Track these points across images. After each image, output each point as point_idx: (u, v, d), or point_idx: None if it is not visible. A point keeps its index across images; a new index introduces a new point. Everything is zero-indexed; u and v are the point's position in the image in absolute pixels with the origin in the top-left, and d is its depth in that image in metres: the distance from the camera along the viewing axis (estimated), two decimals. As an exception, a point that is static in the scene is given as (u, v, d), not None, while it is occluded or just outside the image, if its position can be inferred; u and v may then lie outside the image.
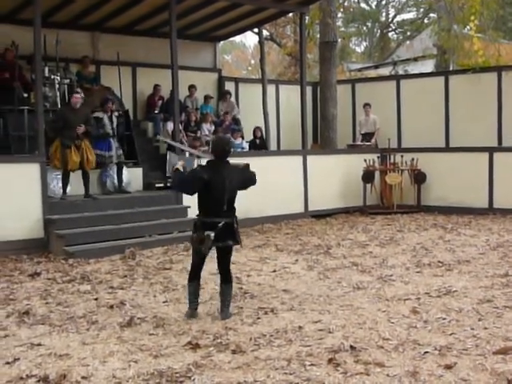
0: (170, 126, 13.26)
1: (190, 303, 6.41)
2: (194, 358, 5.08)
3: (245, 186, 6.47)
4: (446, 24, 21.06)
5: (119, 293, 7.43)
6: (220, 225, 6.12)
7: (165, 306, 6.81)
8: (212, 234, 6.08)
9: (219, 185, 6.13)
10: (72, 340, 5.67)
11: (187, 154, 10.98)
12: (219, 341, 5.51)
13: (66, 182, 10.85)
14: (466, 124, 15.50)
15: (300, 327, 5.83)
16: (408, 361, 4.92)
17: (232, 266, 8.53)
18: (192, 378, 4.67)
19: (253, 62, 40.21)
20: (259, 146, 14.96)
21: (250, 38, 38.21)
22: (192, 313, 6.34)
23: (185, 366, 4.89)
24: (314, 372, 4.73)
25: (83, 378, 4.71)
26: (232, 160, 6.39)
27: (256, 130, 15.15)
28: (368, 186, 14.43)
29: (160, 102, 14.56)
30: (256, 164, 12.34)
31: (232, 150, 6.62)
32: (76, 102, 10.95)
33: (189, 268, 6.43)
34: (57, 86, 12.51)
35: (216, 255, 6.41)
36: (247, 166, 6.53)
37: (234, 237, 6.27)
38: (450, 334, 5.54)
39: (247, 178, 6.49)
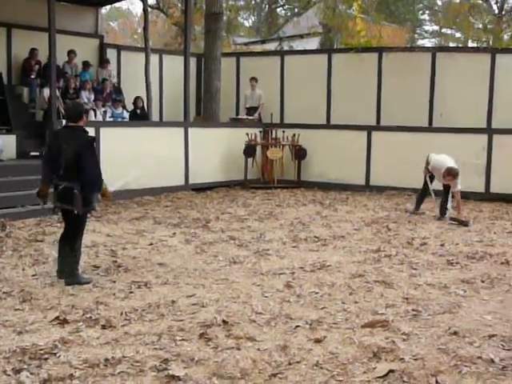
0: (46, 92, 12.69)
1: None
2: (61, 334, 4.90)
3: (77, 155, 6.19)
4: (332, 3, 21.41)
5: (-15, 265, 7.06)
6: (60, 187, 6.29)
7: (33, 279, 6.53)
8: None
9: (56, 147, 6.35)
10: None
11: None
12: (89, 315, 5.35)
13: None
14: (346, 102, 15.80)
15: (173, 301, 5.76)
16: (279, 335, 4.96)
17: (107, 239, 8.44)
18: (57, 355, 4.50)
19: (139, 30, 39.23)
20: (140, 116, 14.61)
21: (137, 6, 37.38)
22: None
23: (50, 343, 4.70)
24: (185, 347, 4.67)
25: None
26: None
27: (137, 99, 14.75)
28: (249, 160, 14.47)
29: (37, 66, 13.87)
30: (136, 135, 12.35)
31: (84, 115, 6.60)
32: None
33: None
34: None
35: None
36: (93, 139, 6.50)
37: (72, 202, 6.24)
38: (322, 308, 5.64)
39: (81, 148, 6.24)
